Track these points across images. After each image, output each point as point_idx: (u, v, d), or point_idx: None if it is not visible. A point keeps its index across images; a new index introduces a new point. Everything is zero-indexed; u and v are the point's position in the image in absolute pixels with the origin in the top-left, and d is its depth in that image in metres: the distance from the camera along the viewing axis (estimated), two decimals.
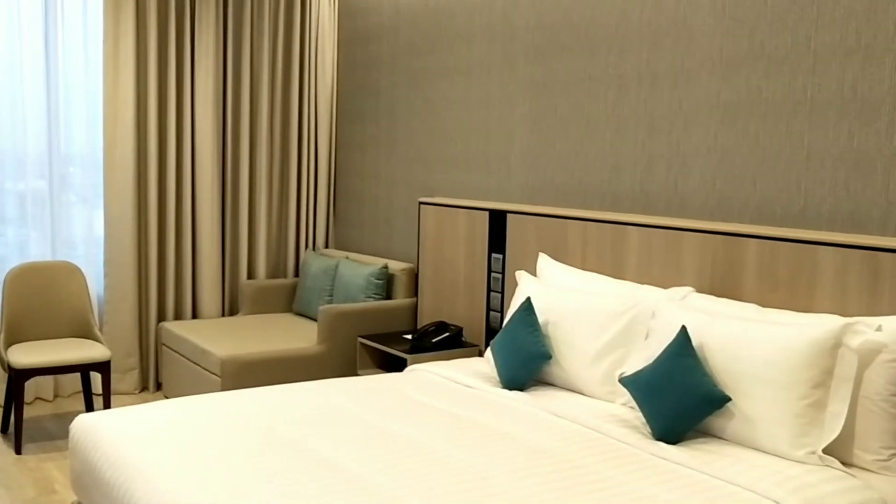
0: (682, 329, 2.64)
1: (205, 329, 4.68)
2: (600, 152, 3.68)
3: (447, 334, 3.98)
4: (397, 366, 4.23)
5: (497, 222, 3.97)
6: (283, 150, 5.45)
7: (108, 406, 4.12)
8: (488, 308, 4.03)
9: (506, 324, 3.24)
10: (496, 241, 3.98)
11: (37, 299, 4.30)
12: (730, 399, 2.50)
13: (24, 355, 3.93)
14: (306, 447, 2.44)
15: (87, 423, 2.69)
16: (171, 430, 2.57)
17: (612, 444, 2.55)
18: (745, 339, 2.53)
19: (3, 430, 4.25)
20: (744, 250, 2.93)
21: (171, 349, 4.73)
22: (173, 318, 5.11)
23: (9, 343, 4.21)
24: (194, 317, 5.23)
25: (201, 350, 4.30)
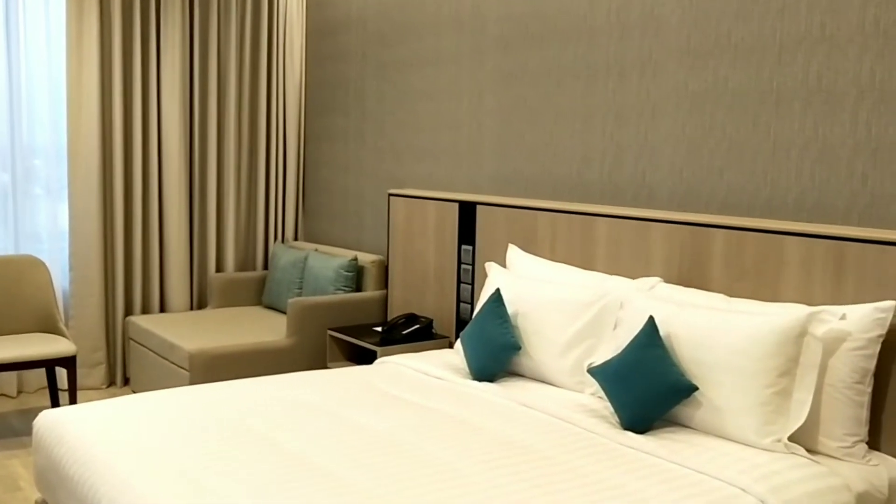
0: (650, 319, 2.65)
1: (173, 323, 4.63)
2: (569, 143, 3.69)
3: (417, 326, 3.98)
4: (367, 358, 4.21)
5: (467, 214, 3.97)
6: (252, 142, 5.40)
7: (73, 402, 4.07)
8: (458, 300, 4.03)
9: (475, 315, 3.24)
10: (466, 233, 3.98)
11: (0, 294, 4.23)
12: (697, 388, 2.52)
13: None
14: (275, 441, 2.42)
15: (51, 419, 2.65)
16: (137, 425, 2.54)
17: (581, 434, 2.56)
18: (712, 329, 2.55)
19: None
20: (711, 240, 2.95)
21: (138, 343, 4.68)
22: (141, 311, 5.06)
23: None
24: (162, 310, 5.18)
25: (169, 344, 4.26)
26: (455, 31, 4.28)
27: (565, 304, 3.06)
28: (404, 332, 3.95)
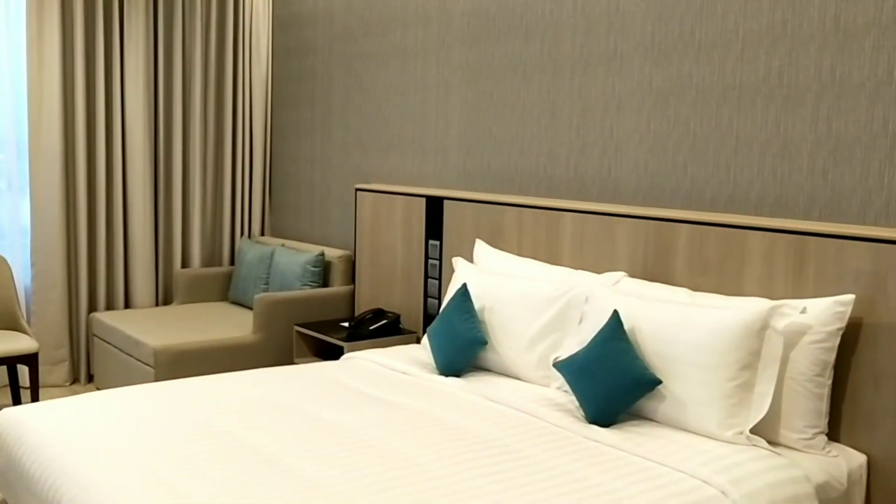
0: (615, 313, 2.67)
1: (137, 319, 4.59)
2: (535, 137, 3.70)
3: (384, 321, 3.97)
4: (334, 354, 4.20)
5: (434, 209, 3.96)
6: (218, 136, 5.36)
7: (35, 399, 4.01)
8: (426, 295, 4.02)
9: (442, 310, 3.24)
10: (433, 228, 3.97)
11: None
12: (661, 382, 2.54)
13: None
14: (241, 438, 2.40)
15: (11, 417, 2.61)
16: (101, 423, 2.51)
17: (546, 428, 2.57)
18: (676, 323, 2.57)
19: None
20: (675, 235, 2.97)
21: (102, 340, 4.63)
22: (105, 308, 5.00)
23: None
24: (127, 306, 5.12)
25: (134, 340, 4.21)
26: (421, 26, 4.27)
27: (531, 298, 3.07)
28: (371, 328, 3.94)
